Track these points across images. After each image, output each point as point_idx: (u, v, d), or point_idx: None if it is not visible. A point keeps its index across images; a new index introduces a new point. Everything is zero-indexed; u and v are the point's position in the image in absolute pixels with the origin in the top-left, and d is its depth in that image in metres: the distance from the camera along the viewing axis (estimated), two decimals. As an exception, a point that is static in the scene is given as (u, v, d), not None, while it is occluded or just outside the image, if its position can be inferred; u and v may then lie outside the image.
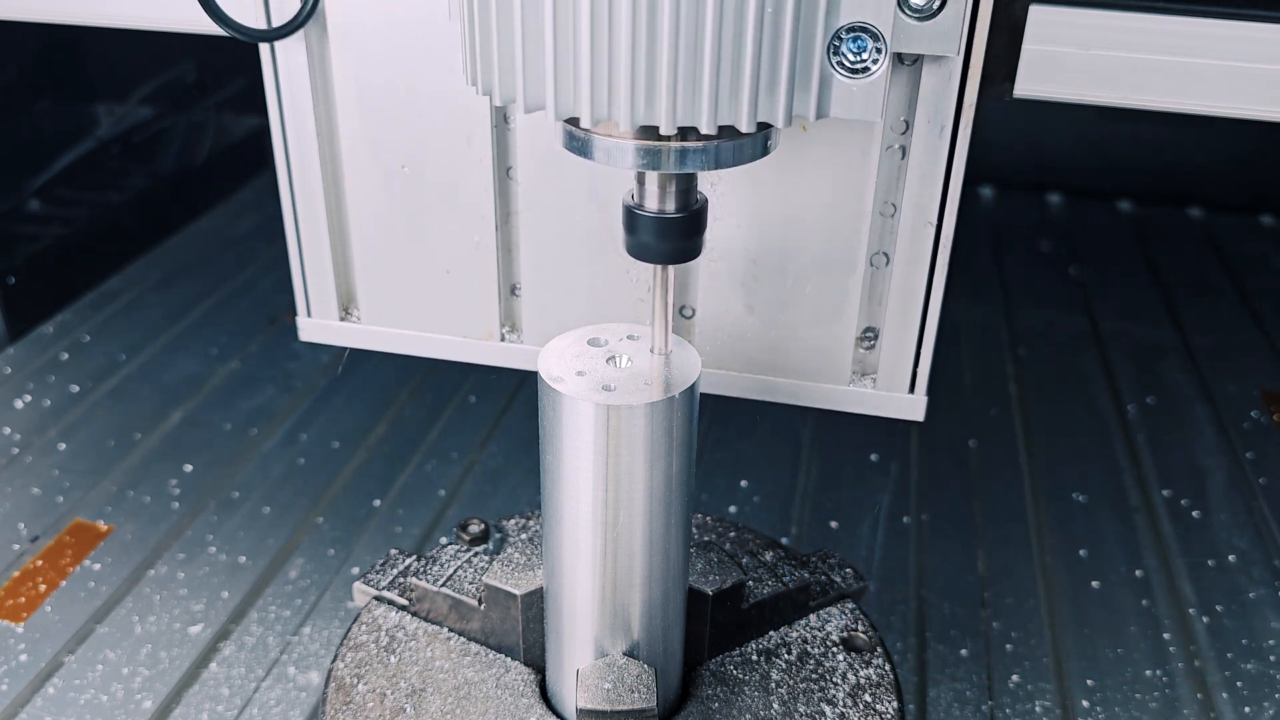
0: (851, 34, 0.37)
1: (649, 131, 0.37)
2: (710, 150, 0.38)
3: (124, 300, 1.04)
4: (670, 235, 0.42)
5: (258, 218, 1.21)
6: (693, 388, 0.44)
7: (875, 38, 0.37)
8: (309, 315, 0.61)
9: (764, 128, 0.39)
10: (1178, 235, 1.25)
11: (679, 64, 0.35)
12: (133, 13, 0.69)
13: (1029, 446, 0.86)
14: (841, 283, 0.54)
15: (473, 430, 0.86)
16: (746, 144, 0.39)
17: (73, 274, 1.04)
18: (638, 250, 0.43)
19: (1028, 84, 0.56)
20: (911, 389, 0.56)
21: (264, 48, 0.55)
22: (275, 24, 0.54)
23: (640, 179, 0.42)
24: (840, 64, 0.37)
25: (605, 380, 0.44)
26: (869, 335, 0.56)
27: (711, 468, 0.82)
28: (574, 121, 0.38)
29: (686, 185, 0.42)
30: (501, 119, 0.53)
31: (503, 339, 0.60)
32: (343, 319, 0.62)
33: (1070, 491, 0.80)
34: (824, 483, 0.81)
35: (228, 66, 1.20)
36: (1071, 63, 0.58)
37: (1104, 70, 0.57)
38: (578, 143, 0.39)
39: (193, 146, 1.19)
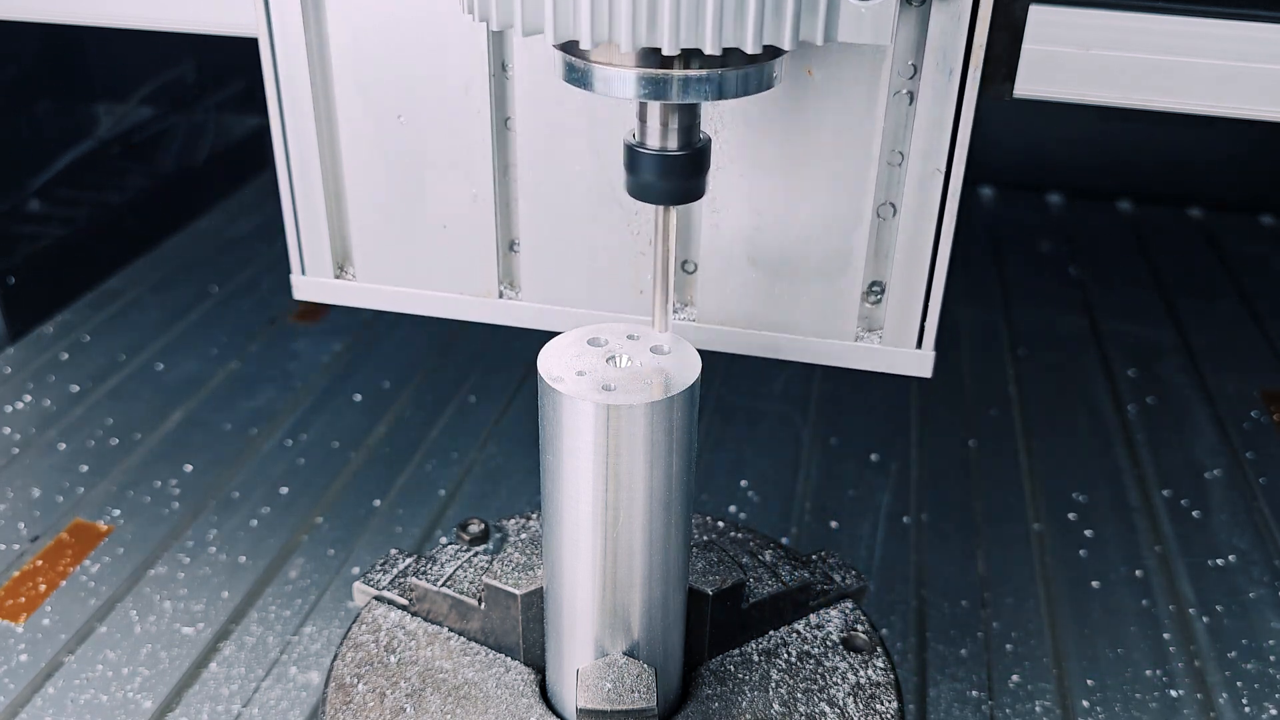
0: None
1: (650, 58, 0.36)
2: (714, 79, 0.37)
3: (124, 300, 1.04)
4: (672, 173, 0.41)
5: (258, 218, 1.21)
6: (693, 388, 0.44)
7: None
8: (303, 273, 0.60)
9: (770, 56, 0.38)
10: (1178, 235, 1.25)
11: None
12: (133, 13, 0.69)
13: (1029, 446, 0.86)
14: (847, 235, 0.52)
15: (473, 430, 0.86)
16: (751, 73, 0.38)
17: (73, 274, 1.04)
18: (639, 190, 0.42)
19: (1028, 84, 0.56)
20: (919, 344, 0.54)
21: None
22: None
23: (642, 115, 0.41)
24: None
25: (605, 380, 0.44)
26: (875, 290, 0.54)
27: (711, 468, 0.82)
28: (574, 50, 0.37)
29: (689, 121, 0.41)
30: (499, 67, 0.52)
31: (501, 295, 0.58)
32: (338, 276, 0.60)
33: (1070, 491, 0.80)
34: (824, 483, 0.81)
35: (228, 66, 1.20)
36: (1071, 63, 0.58)
37: (1104, 70, 0.57)
38: (577, 74, 0.38)
39: (193, 146, 1.19)
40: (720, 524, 0.62)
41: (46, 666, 0.63)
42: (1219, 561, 0.74)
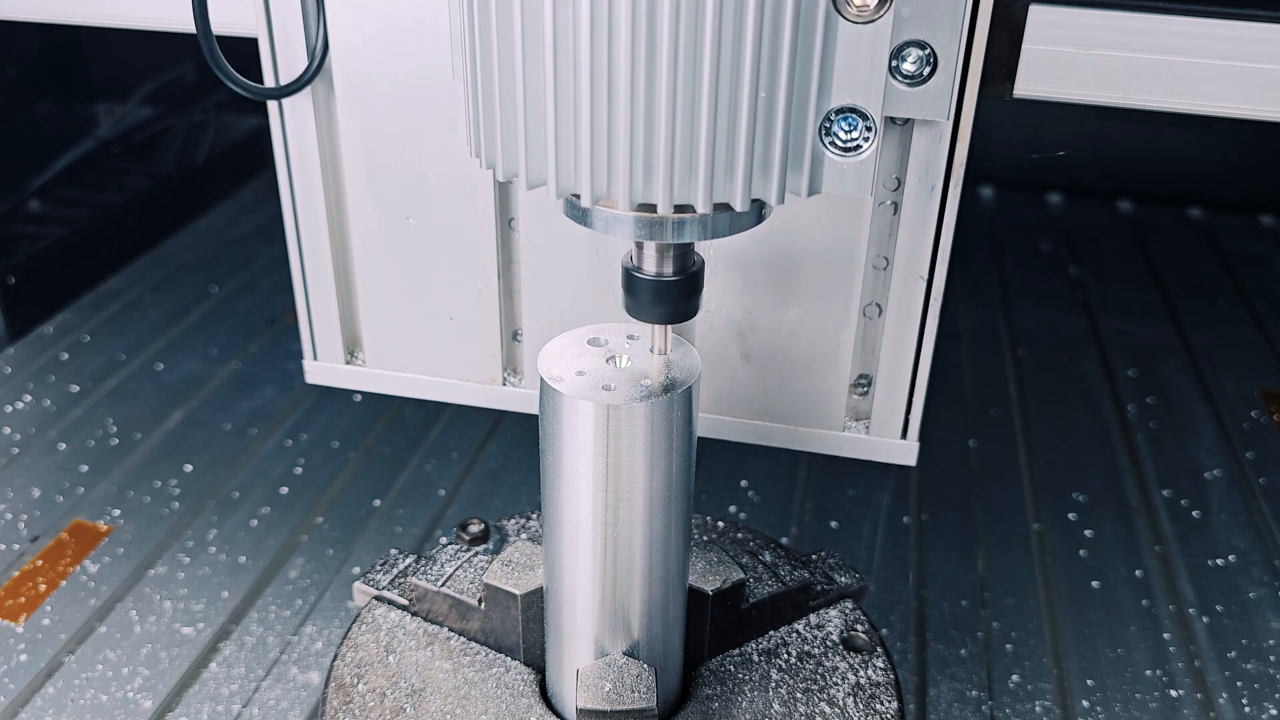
0: (842, 114, 0.38)
1: (647, 205, 0.38)
2: (706, 222, 0.39)
3: (124, 300, 1.04)
4: (668, 297, 0.43)
5: (258, 218, 1.21)
6: (693, 388, 0.44)
7: (865, 117, 0.38)
8: (315, 358, 0.62)
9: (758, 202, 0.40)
10: (1178, 235, 1.25)
11: (676, 146, 0.36)
12: (133, 13, 0.69)
13: (1029, 446, 0.86)
14: (836, 332, 0.55)
15: (473, 430, 0.86)
16: (742, 215, 0.40)
17: (73, 274, 1.04)
18: (636, 311, 0.44)
19: (1028, 84, 0.56)
20: (904, 435, 0.57)
21: (272, 104, 0.56)
22: (283, 81, 0.55)
23: (639, 244, 0.42)
24: (832, 143, 0.38)
25: (605, 380, 0.44)
26: (863, 382, 0.57)
27: (711, 468, 0.82)
28: (575, 195, 0.39)
29: (684, 250, 0.42)
30: None
31: (504, 383, 0.61)
32: (348, 362, 0.62)
33: (1070, 491, 0.80)
34: (824, 483, 0.81)
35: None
36: (1071, 63, 0.58)
37: (1104, 70, 0.58)
38: (578, 212, 0.40)
39: (193, 146, 1.19)
40: (720, 524, 0.62)
41: (46, 666, 0.63)
42: (1219, 561, 0.74)
